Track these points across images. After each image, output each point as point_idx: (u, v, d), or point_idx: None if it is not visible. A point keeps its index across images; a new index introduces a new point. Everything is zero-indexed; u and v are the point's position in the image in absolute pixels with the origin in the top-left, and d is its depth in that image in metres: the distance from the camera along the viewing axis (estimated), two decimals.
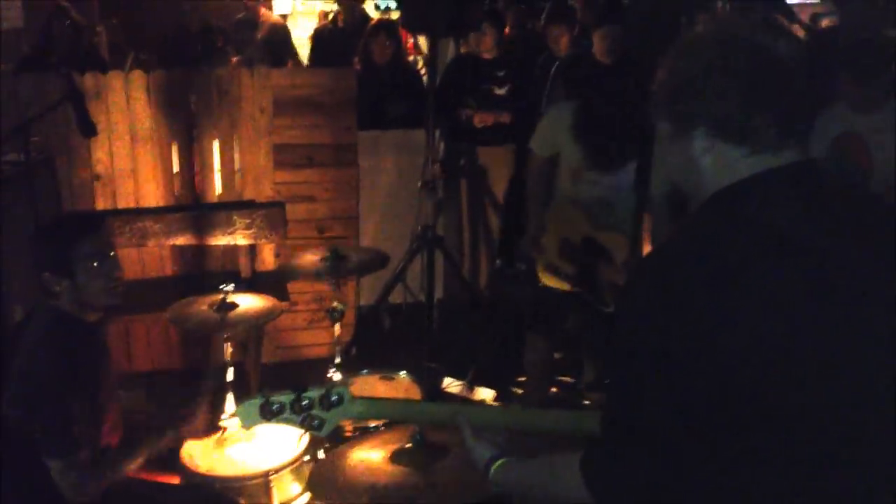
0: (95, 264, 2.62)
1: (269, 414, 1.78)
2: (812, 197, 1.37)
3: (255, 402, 1.78)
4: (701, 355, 1.29)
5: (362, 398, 1.83)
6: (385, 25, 5.60)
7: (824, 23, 5.90)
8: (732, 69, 1.36)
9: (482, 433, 1.78)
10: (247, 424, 1.80)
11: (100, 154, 4.47)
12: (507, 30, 6.13)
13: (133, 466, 2.64)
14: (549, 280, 3.83)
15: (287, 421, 1.79)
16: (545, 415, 1.93)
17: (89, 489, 2.51)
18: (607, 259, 3.57)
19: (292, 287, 4.61)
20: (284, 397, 1.79)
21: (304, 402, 1.79)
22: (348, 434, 3.06)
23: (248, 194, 4.72)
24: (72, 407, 2.52)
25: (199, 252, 4.72)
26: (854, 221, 1.39)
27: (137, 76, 4.48)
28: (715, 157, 1.41)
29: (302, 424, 1.79)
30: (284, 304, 4.24)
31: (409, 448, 2.31)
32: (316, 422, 1.79)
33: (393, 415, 1.98)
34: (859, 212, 1.43)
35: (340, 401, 1.79)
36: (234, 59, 6.66)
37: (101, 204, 4.50)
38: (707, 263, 1.32)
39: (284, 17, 9.12)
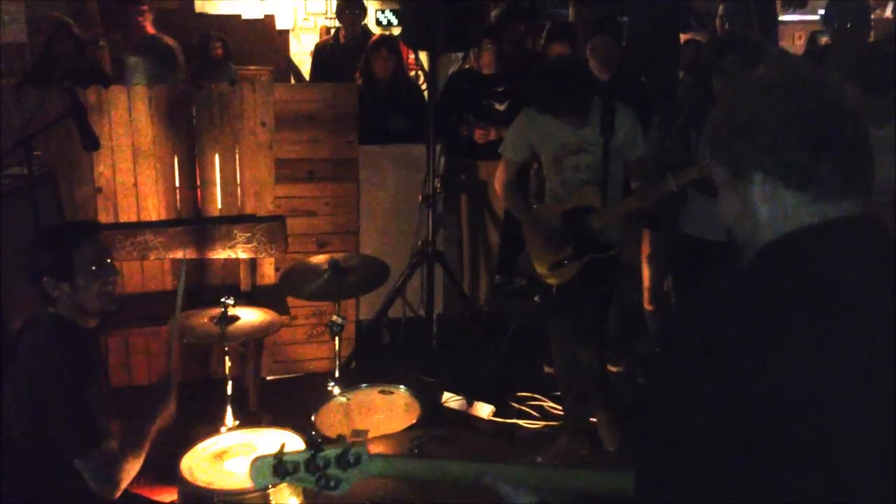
0: (94, 268, 2.68)
1: (282, 473, 1.72)
2: (872, 254, 1.31)
3: (269, 461, 1.72)
4: (743, 413, 1.21)
5: (381, 455, 1.77)
6: (386, 41, 5.63)
7: (823, 41, 5.94)
8: (798, 111, 1.31)
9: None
10: (259, 484, 1.74)
11: (102, 168, 4.50)
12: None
13: (139, 462, 2.66)
14: (558, 278, 3.98)
15: (301, 481, 1.73)
16: (575, 473, 1.86)
17: (122, 481, 2.56)
18: (588, 211, 3.88)
19: (292, 301, 4.63)
20: (299, 456, 1.71)
21: (319, 462, 1.71)
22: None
23: (249, 208, 4.74)
24: (87, 402, 2.54)
25: (200, 266, 4.73)
26: None
27: (139, 90, 4.51)
28: (774, 203, 1.34)
29: (317, 484, 1.72)
30: (284, 318, 4.26)
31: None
32: (332, 482, 1.72)
33: (414, 472, 1.91)
34: None
35: (358, 460, 1.72)
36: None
37: (103, 217, 4.52)
38: (757, 317, 1.25)
39: (286, 31, 9.15)
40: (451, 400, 4.64)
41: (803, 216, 1.32)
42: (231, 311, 3.39)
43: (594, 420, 4.24)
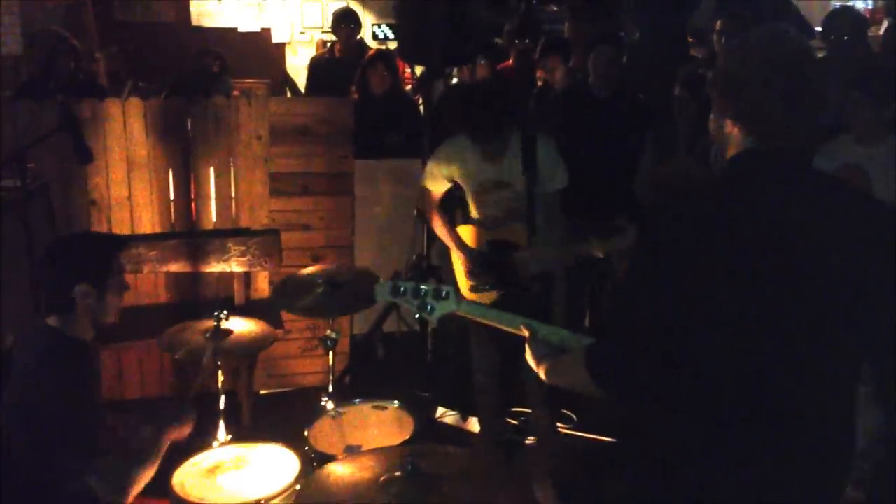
0: (120, 281, 2.75)
1: (396, 293, 2.34)
2: (780, 173, 1.80)
3: (389, 284, 2.35)
4: (687, 280, 1.75)
5: (467, 301, 2.43)
6: (383, 57, 5.65)
7: (819, 55, 5.97)
8: (760, 70, 1.79)
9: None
10: (381, 298, 2.40)
11: (96, 180, 4.48)
12: (510, 62, 6.17)
13: (151, 470, 2.66)
14: (478, 297, 3.97)
15: (408, 302, 2.34)
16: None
17: (132, 487, 2.58)
18: (514, 249, 3.87)
19: (286, 315, 4.60)
20: (408, 285, 2.33)
21: (420, 291, 2.32)
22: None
23: (244, 222, 4.73)
24: (88, 417, 2.53)
25: (194, 279, 4.72)
26: (823, 201, 1.80)
27: (134, 104, 4.50)
28: (733, 136, 1.84)
29: (418, 308, 2.32)
30: (278, 332, 4.23)
31: (400, 477, 2.30)
32: (429, 307, 2.33)
33: (483, 316, 2.43)
34: (822, 191, 1.84)
35: (448, 296, 2.33)
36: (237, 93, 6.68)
37: (97, 230, 4.49)
38: (701, 215, 1.79)
39: (283, 45, 9.17)
40: (445, 415, 4.63)
41: (744, 145, 1.82)
42: (224, 325, 3.37)
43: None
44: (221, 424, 3.33)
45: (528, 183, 3.79)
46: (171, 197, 4.64)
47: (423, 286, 2.30)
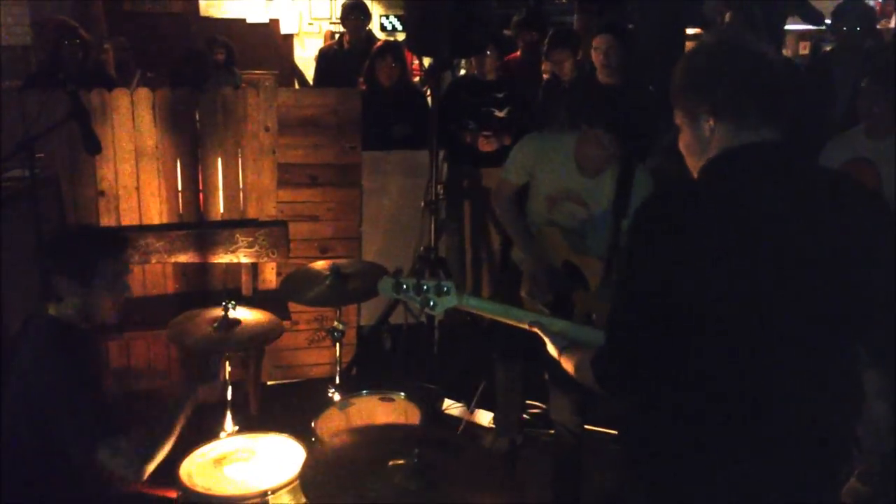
0: (111, 283, 2.73)
1: (398, 290, 2.33)
2: (779, 167, 1.80)
3: (391, 280, 2.34)
4: (680, 279, 1.73)
5: (468, 296, 2.36)
6: (391, 47, 5.63)
7: (826, 49, 5.95)
8: (731, 69, 1.82)
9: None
10: (386, 293, 2.35)
11: (104, 171, 4.49)
12: (518, 53, 6.15)
13: (172, 439, 2.68)
14: (529, 306, 3.65)
15: (411, 298, 2.33)
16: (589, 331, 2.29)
17: (153, 459, 2.60)
18: (584, 285, 3.51)
19: (293, 306, 4.61)
20: (410, 281, 2.32)
21: (423, 287, 2.31)
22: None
23: (252, 213, 4.73)
24: (96, 398, 2.56)
25: (202, 270, 4.73)
26: (805, 189, 1.80)
27: (143, 94, 4.50)
28: (711, 135, 1.85)
29: (421, 303, 2.32)
30: (285, 323, 4.24)
31: (405, 464, 2.29)
32: (431, 303, 2.32)
33: (485, 310, 2.42)
34: (814, 183, 1.84)
35: (449, 292, 2.31)
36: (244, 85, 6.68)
37: (105, 221, 4.51)
38: (690, 211, 1.78)
39: (291, 36, 9.17)
40: (452, 407, 4.63)
41: (730, 141, 1.82)
42: (232, 316, 3.38)
43: None
44: (229, 415, 3.33)
45: (615, 215, 3.50)
46: (179, 188, 4.64)
47: (424, 283, 2.30)
